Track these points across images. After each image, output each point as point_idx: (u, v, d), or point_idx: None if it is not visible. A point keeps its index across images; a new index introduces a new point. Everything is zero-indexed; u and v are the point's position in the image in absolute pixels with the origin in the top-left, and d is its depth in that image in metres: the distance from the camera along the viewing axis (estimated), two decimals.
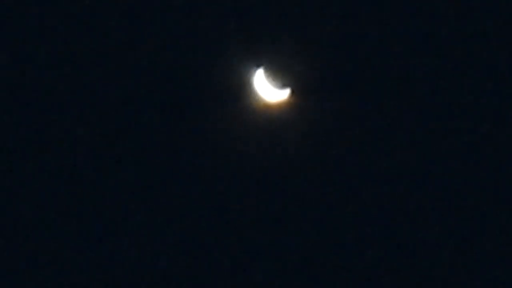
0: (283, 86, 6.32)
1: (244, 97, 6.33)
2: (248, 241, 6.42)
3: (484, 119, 6.30)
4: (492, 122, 6.30)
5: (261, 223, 6.44)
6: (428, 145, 6.33)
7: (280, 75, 6.29)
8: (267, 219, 6.43)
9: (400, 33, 6.20)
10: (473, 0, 6.09)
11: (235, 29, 6.23)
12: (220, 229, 6.42)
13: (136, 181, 6.35)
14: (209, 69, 6.28)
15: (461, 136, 6.32)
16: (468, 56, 6.23)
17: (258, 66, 6.29)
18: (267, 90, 6.34)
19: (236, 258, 6.41)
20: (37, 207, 6.32)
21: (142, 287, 6.37)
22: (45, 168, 6.29)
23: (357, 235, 6.40)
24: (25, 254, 6.29)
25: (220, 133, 6.33)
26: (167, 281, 6.38)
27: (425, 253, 6.40)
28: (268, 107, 6.36)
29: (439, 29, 6.19)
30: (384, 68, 6.25)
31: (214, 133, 6.34)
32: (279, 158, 6.40)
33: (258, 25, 6.24)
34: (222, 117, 6.30)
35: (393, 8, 6.16)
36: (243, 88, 6.33)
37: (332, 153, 6.38)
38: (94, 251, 6.36)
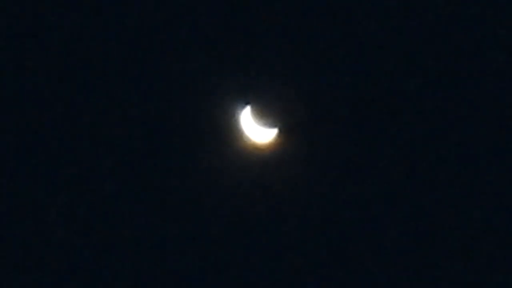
0: (270, 125, 6.26)
1: (231, 137, 6.29)
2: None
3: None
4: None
5: (252, 263, 6.39)
6: (421, 184, 6.24)
7: (267, 114, 6.24)
8: (257, 258, 6.39)
9: (386, 68, 6.13)
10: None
11: (222, 67, 6.21)
12: (210, 272, 6.39)
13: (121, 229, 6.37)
14: (195, 109, 6.27)
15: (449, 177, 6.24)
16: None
17: (245, 104, 6.25)
18: (254, 129, 6.29)
19: None
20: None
21: None
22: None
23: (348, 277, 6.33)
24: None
25: (208, 174, 6.32)
26: None
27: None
28: (255, 147, 6.31)
29: (426, 61, 6.11)
30: (373, 106, 6.17)
31: (201, 175, 6.33)
32: (268, 198, 6.36)
33: (244, 63, 6.20)
34: (210, 158, 6.28)
35: (378, 45, 6.09)
36: (230, 128, 6.29)
37: (321, 192, 6.31)
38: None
